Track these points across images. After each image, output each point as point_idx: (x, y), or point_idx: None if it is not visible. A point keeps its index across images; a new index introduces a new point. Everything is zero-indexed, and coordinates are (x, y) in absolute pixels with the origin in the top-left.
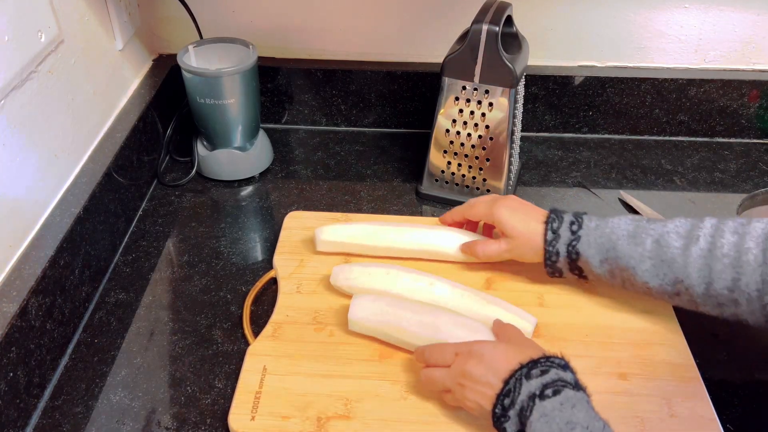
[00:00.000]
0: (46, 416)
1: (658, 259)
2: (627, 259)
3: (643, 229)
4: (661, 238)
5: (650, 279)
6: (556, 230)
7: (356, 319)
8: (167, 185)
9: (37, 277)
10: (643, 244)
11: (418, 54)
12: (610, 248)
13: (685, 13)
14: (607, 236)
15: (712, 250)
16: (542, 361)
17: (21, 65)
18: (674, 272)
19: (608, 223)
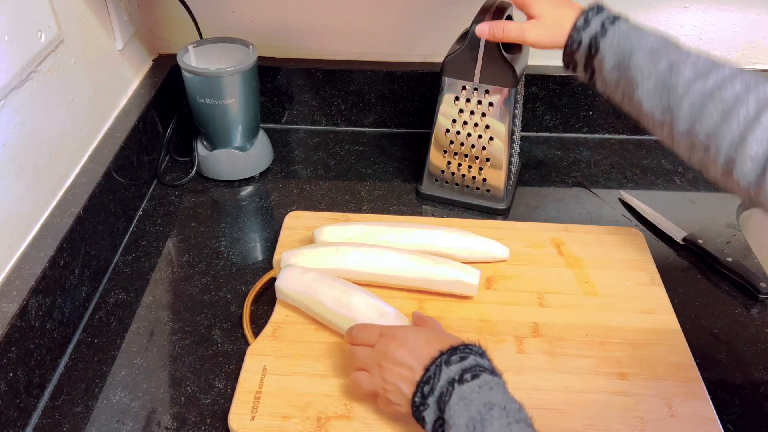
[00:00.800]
0: (46, 416)
1: (661, 83)
2: (635, 72)
3: (666, 50)
4: (676, 63)
5: (646, 99)
6: (590, 19)
7: (282, 287)
8: (167, 185)
9: (37, 277)
10: (658, 63)
11: (418, 54)
12: (627, 56)
13: (685, 13)
14: (630, 43)
15: (714, 92)
16: (461, 348)
17: (21, 65)
18: (669, 99)
19: (638, 32)
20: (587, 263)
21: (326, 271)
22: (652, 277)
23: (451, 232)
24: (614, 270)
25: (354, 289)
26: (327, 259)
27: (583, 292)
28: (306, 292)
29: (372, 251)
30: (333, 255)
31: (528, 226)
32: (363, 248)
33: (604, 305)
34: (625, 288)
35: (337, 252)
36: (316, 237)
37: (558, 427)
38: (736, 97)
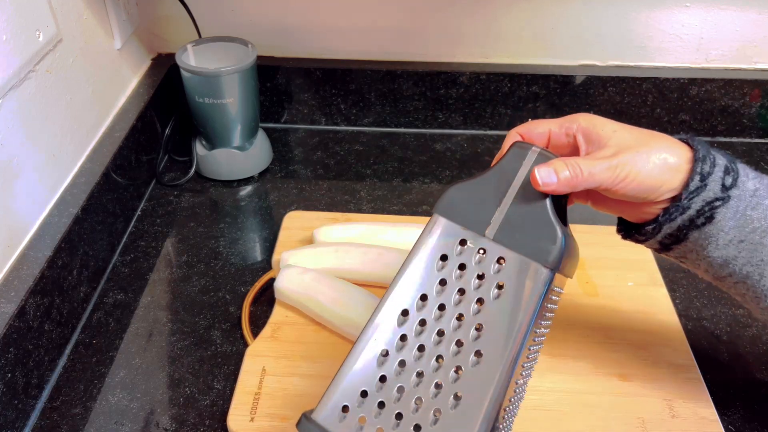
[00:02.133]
0: (44, 417)
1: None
2: (760, 256)
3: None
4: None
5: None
6: (706, 176)
7: (281, 288)
8: (166, 185)
9: (35, 277)
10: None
11: (419, 53)
12: (758, 228)
13: (686, 12)
14: (763, 210)
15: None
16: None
17: (19, 64)
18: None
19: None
20: (587, 263)
21: (326, 270)
22: (653, 277)
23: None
24: (615, 270)
25: (354, 290)
26: (326, 259)
27: (584, 292)
28: (305, 292)
29: (371, 251)
30: (332, 255)
31: None
32: (362, 248)
33: (605, 305)
34: (626, 288)
35: (337, 252)
36: (315, 237)
37: (558, 429)
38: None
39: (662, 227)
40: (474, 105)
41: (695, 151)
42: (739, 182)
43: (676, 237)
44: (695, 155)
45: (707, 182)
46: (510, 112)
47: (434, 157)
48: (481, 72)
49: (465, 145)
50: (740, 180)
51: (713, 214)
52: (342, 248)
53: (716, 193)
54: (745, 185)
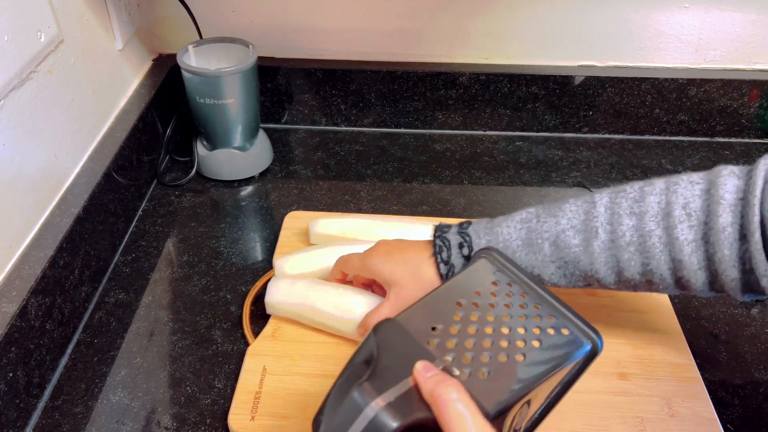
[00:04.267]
0: (46, 416)
1: (561, 261)
2: (531, 268)
3: (537, 233)
4: (557, 239)
5: (558, 280)
6: (448, 260)
7: (274, 302)
8: (167, 185)
9: (37, 277)
10: (542, 250)
11: (418, 54)
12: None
13: (685, 13)
14: (504, 246)
15: (615, 240)
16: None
17: (20, 65)
18: (581, 269)
19: (498, 237)
20: None
21: (323, 271)
22: None
23: None
24: None
25: (349, 291)
26: (322, 261)
27: (583, 292)
28: (302, 303)
29: (366, 248)
30: (327, 257)
31: None
32: (356, 246)
33: (604, 305)
34: None
35: (332, 253)
36: (311, 230)
37: (558, 428)
38: (638, 232)
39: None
40: (474, 105)
41: (434, 246)
42: (474, 245)
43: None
44: (433, 251)
45: (451, 262)
46: (509, 113)
47: (434, 158)
48: (480, 73)
49: (465, 146)
50: (473, 242)
51: (470, 255)
52: (337, 248)
53: (463, 264)
54: (478, 245)
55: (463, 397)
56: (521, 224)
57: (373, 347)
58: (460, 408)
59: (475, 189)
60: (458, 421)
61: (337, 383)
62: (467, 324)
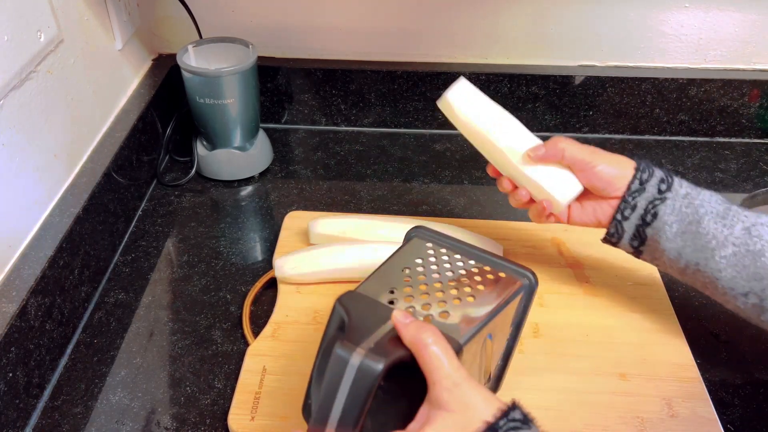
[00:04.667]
0: (46, 416)
1: (743, 248)
2: (709, 239)
3: (735, 213)
4: (753, 227)
5: (725, 268)
6: (645, 182)
7: (318, 232)
8: (167, 185)
9: (37, 277)
10: (733, 227)
11: (419, 54)
12: (693, 221)
13: (685, 13)
14: (695, 207)
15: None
16: (502, 424)
17: (20, 65)
18: (757, 267)
19: (699, 195)
20: (587, 263)
21: (322, 272)
22: (652, 277)
23: (447, 228)
24: (614, 270)
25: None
26: (322, 261)
27: (583, 292)
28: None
29: (366, 248)
30: (327, 257)
31: (528, 226)
32: (356, 246)
33: (604, 305)
34: (626, 288)
35: (332, 253)
36: (311, 230)
37: (558, 428)
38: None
39: (622, 225)
40: None
41: (638, 164)
42: (673, 188)
43: (638, 237)
44: (637, 166)
45: (646, 186)
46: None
47: (434, 158)
48: (480, 72)
49: (465, 146)
50: (674, 187)
51: (656, 211)
52: (337, 248)
53: (654, 195)
54: (677, 191)
55: (439, 340)
56: (723, 202)
57: (342, 314)
58: (436, 350)
59: (475, 189)
60: (435, 361)
61: (315, 364)
62: (418, 283)
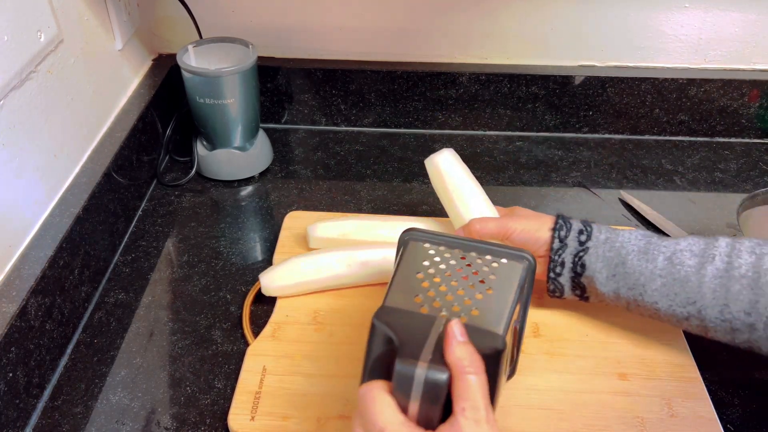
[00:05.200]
0: (46, 416)
1: (670, 278)
2: (637, 276)
3: (655, 245)
4: (673, 255)
5: (660, 299)
6: (564, 239)
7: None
8: (167, 185)
9: (37, 277)
10: (655, 260)
11: (419, 54)
12: (619, 263)
13: (685, 13)
14: (617, 250)
15: (729, 270)
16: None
17: (20, 65)
18: (687, 292)
19: (618, 237)
20: None
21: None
22: None
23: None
24: None
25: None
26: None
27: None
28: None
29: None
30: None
31: None
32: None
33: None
34: None
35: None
36: (310, 234)
37: (558, 428)
38: (754, 269)
39: (558, 280)
40: (473, 106)
41: (555, 222)
42: (593, 236)
43: (578, 287)
44: (554, 225)
45: (566, 242)
46: (509, 113)
47: None
48: (480, 73)
49: (464, 146)
50: (593, 234)
51: (583, 262)
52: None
53: (576, 248)
54: (597, 237)
55: (479, 372)
56: (642, 237)
57: (386, 330)
58: (474, 380)
59: None
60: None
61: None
62: (437, 286)
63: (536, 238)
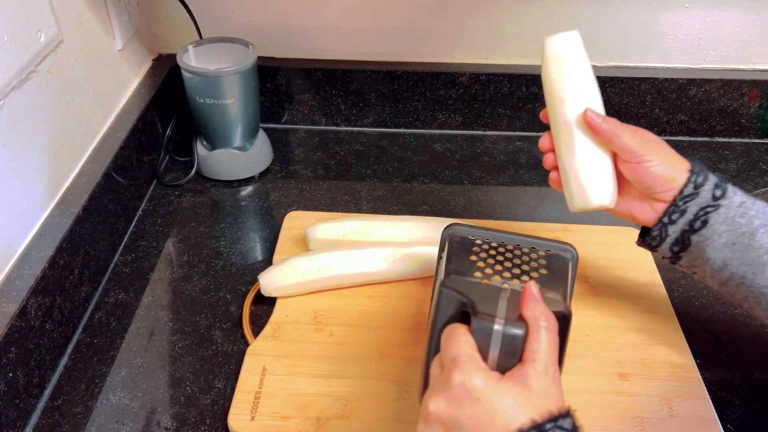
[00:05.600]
0: (46, 416)
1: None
2: (761, 252)
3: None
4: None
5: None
6: (699, 186)
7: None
8: (167, 185)
9: (37, 277)
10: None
11: (419, 54)
12: (746, 233)
13: (685, 13)
14: (750, 218)
15: None
16: (549, 428)
17: (20, 65)
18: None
19: (755, 204)
20: (587, 263)
21: (312, 282)
22: (652, 277)
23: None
24: (614, 270)
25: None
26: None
27: (584, 292)
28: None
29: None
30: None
31: (528, 226)
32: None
33: (604, 305)
34: (626, 288)
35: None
36: (309, 236)
37: None
38: None
39: (667, 228)
40: (473, 105)
41: (692, 165)
42: (728, 195)
43: (681, 242)
44: (692, 169)
45: (699, 191)
46: (509, 113)
47: (434, 158)
48: (480, 73)
49: (465, 146)
50: (728, 194)
51: (707, 218)
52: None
53: (707, 201)
54: (732, 198)
55: (552, 328)
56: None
57: (457, 296)
58: (547, 336)
59: (475, 189)
60: (542, 344)
61: (431, 351)
62: (492, 266)
63: (671, 179)
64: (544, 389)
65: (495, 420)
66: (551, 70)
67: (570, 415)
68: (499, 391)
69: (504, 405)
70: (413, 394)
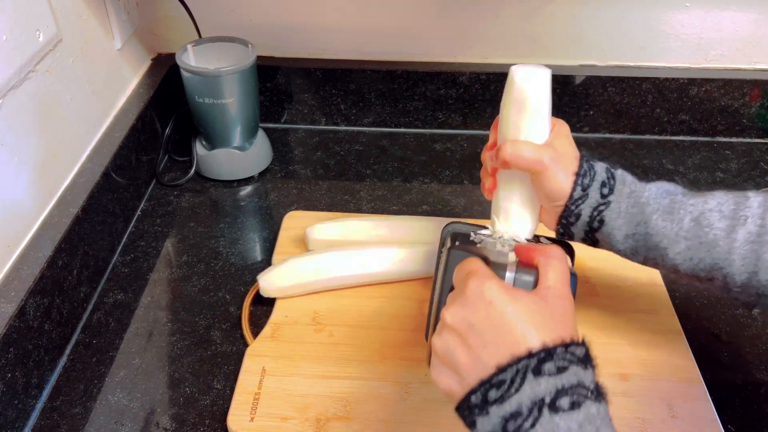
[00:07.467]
0: (45, 417)
1: (696, 241)
2: (660, 239)
3: (681, 204)
4: (701, 216)
5: (682, 262)
6: (587, 188)
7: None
8: (166, 185)
9: (36, 277)
10: (681, 222)
11: (419, 54)
12: (641, 222)
13: (686, 12)
14: (641, 207)
15: (762, 235)
16: (560, 354)
17: (19, 65)
18: (713, 257)
19: (645, 191)
20: (587, 263)
21: (311, 283)
22: (653, 277)
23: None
24: (615, 270)
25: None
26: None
27: (584, 292)
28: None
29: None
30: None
31: None
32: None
33: (605, 305)
34: (626, 288)
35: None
36: (308, 236)
37: None
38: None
39: (570, 230)
40: (474, 105)
41: (579, 167)
42: (616, 189)
43: (590, 241)
44: (578, 170)
45: (588, 192)
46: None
47: (434, 157)
48: (481, 72)
49: (465, 145)
50: (616, 188)
51: (602, 217)
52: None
53: (597, 200)
54: (621, 191)
55: (563, 258)
56: (667, 193)
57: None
58: (560, 266)
59: (475, 189)
60: (554, 270)
61: (438, 297)
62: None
63: (561, 188)
64: (561, 309)
65: (508, 324)
66: (511, 112)
67: (584, 344)
68: (513, 297)
69: (517, 311)
70: (413, 394)
